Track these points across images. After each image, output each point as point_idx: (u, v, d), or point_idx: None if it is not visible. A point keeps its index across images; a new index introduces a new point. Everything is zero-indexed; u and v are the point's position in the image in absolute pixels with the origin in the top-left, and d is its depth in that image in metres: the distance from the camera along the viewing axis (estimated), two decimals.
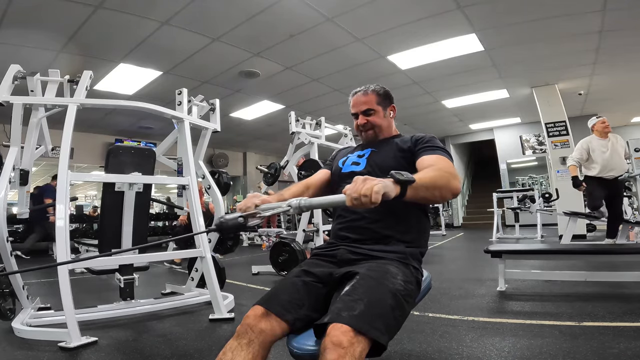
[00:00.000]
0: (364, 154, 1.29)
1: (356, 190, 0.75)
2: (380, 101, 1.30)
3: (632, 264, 2.72)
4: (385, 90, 1.33)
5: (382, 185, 0.75)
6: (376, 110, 1.29)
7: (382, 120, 1.30)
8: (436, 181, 0.90)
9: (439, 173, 0.94)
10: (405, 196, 0.82)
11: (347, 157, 1.34)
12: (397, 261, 1.03)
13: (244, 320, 0.92)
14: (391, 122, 1.35)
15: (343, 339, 0.74)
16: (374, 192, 0.74)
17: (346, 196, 0.76)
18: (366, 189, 0.74)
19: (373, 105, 1.29)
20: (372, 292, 0.87)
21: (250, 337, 0.88)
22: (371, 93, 1.30)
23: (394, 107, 1.36)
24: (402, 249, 1.07)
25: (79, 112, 2.22)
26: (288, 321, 0.92)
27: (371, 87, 1.31)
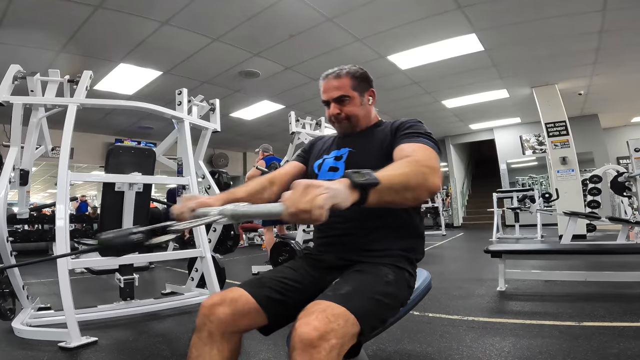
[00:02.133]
0: (342, 156, 1.08)
1: (294, 203, 0.56)
2: (356, 85, 1.07)
3: (632, 264, 2.72)
4: (362, 72, 1.10)
5: (328, 195, 0.57)
6: (351, 96, 1.07)
7: (359, 109, 1.08)
8: (409, 180, 0.70)
9: (414, 168, 0.74)
10: (366, 203, 0.63)
11: (322, 159, 1.13)
12: (391, 265, 0.93)
13: (199, 311, 0.83)
14: (370, 110, 1.12)
15: (323, 314, 0.66)
16: (315, 206, 0.55)
17: (283, 209, 0.58)
18: (306, 201, 0.55)
19: (347, 90, 1.06)
20: (360, 280, 0.83)
21: (210, 329, 0.80)
22: (345, 76, 1.07)
23: (373, 91, 1.13)
24: (396, 254, 0.96)
25: (79, 112, 2.22)
26: (261, 302, 0.83)
27: (345, 69, 1.08)
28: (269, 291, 0.88)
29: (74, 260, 2.17)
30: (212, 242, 2.91)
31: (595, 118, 8.91)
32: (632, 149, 4.01)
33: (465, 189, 12.31)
